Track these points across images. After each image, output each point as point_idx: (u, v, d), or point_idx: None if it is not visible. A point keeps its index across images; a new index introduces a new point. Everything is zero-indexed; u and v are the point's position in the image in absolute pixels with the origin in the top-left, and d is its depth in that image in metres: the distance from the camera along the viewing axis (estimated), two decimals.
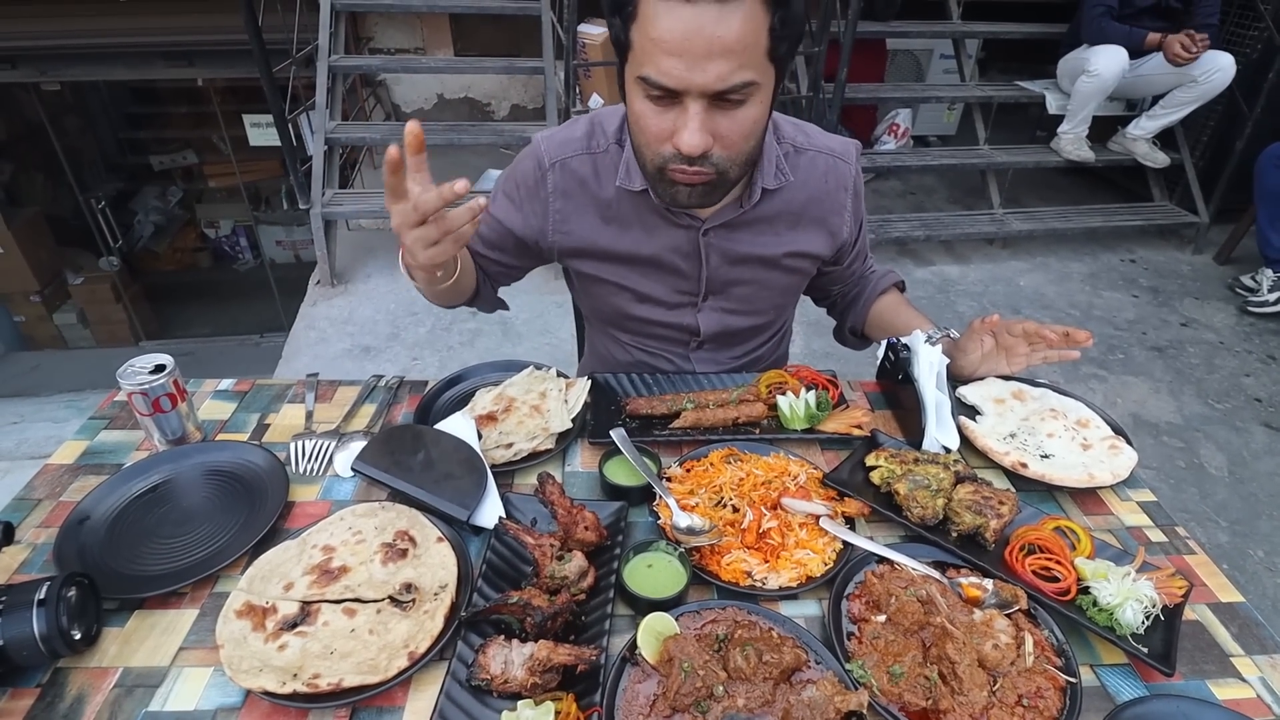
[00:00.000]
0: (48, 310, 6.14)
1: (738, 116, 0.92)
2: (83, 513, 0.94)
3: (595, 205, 1.16)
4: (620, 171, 1.12)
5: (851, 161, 1.21)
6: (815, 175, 1.18)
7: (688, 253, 1.18)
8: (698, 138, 0.90)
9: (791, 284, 1.28)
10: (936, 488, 0.96)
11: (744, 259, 1.19)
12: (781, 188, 1.15)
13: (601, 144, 1.15)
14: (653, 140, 0.96)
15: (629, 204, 1.14)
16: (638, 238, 1.17)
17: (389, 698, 0.76)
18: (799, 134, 1.18)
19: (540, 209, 1.18)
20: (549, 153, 1.15)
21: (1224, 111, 4.00)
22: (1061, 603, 0.85)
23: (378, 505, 0.95)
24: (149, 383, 0.99)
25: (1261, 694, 0.81)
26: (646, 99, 0.92)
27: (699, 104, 0.89)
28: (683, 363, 1.33)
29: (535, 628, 0.78)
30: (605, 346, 1.40)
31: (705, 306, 1.25)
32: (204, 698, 0.76)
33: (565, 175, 1.15)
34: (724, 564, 0.89)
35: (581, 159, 1.15)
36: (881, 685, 0.75)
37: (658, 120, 0.93)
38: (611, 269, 1.21)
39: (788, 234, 1.19)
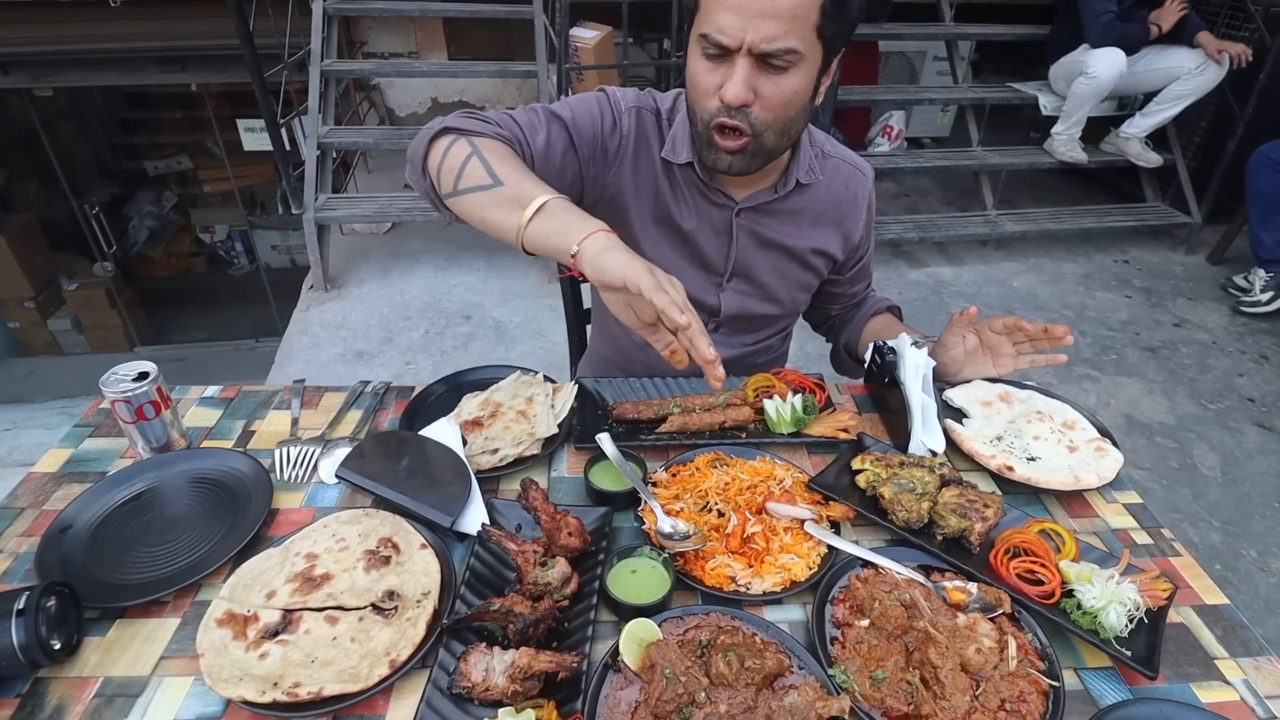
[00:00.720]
0: (42, 316, 6.13)
1: (780, 82, 0.99)
2: (65, 521, 0.93)
3: (653, 165, 1.20)
4: (669, 144, 1.17)
5: (869, 177, 1.31)
6: (839, 180, 1.27)
7: (720, 231, 1.22)
8: (741, 89, 0.97)
9: (807, 280, 1.34)
10: (921, 491, 0.96)
11: (770, 244, 1.25)
12: (811, 185, 1.23)
13: (659, 117, 1.20)
14: (703, 95, 1.03)
15: (672, 176, 1.20)
16: (676, 208, 1.21)
17: (370, 706, 0.76)
18: (827, 143, 1.28)
19: (614, 142, 1.17)
20: (623, 99, 1.18)
21: (1216, 112, 4.02)
22: (1045, 606, 0.85)
23: (361, 512, 0.95)
24: (132, 390, 0.98)
25: (1245, 696, 0.81)
26: (703, 56, 1.00)
27: (746, 61, 0.96)
28: None
29: (517, 634, 0.78)
30: (619, 327, 1.38)
31: (729, 287, 1.29)
32: (184, 707, 0.76)
33: (639, 123, 1.19)
34: (708, 569, 0.89)
35: (651, 116, 1.19)
36: (864, 690, 0.75)
37: (709, 76, 1.01)
38: (649, 231, 1.23)
39: (809, 230, 1.26)
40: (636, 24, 3.27)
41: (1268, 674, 0.83)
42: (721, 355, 1.31)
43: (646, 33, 4.90)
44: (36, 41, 4.39)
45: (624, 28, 3.43)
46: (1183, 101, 3.76)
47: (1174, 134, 4.13)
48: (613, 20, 3.69)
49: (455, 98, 4.97)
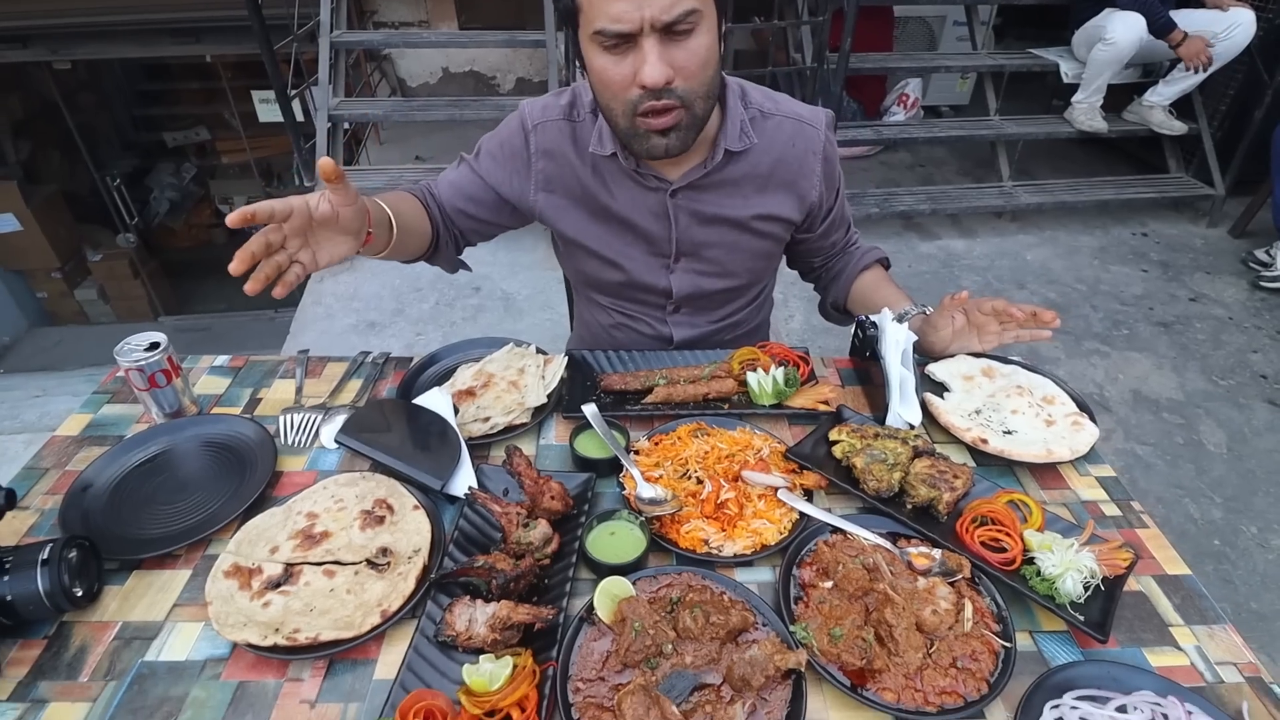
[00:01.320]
0: (69, 286, 6.28)
1: (690, 46, 0.97)
2: (85, 481, 1.00)
3: (573, 169, 1.21)
4: (593, 138, 1.17)
5: (821, 127, 1.23)
6: (781, 139, 1.21)
7: (658, 214, 1.22)
8: (659, 69, 0.96)
9: (763, 248, 1.31)
10: (893, 462, 0.99)
11: (712, 220, 1.23)
12: (747, 150, 1.18)
13: (580, 114, 1.20)
14: (618, 90, 1.01)
15: (602, 169, 1.20)
16: (610, 200, 1.22)
17: (363, 651, 0.82)
18: (767, 101, 1.22)
19: (524, 168, 1.23)
20: (532, 116, 1.21)
21: (1243, 79, 3.89)
22: (1005, 572, 0.89)
23: (359, 475, 1.01)
24: (144, 359, 1.04)
25: (1195, 661, 0.84)
26: (604, 52, 0.98)
27: (653, 38, 0.95)
28: (661, 326, 1.37)
29: (499, 589, 0.83)
30: (590, 312, 1.45)
31: (677, 268, 1.29)
32: (195, 649, 0.83)
33: (547, 137, 1.21)
34: (683, 532, 0.93)
35: (561, 124, 1.20)
36: (822, 646, 0.80)
37: (618, 69, 0.99)
38: (588, 231, 1.26)
39: (755, 197, 1.23)
40: None
41: (1220, 641, 0.86)
42: (683, 334, 1.36)
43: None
44: (54, 14, 4.44)
45: None
46: (1209, 69, 3.64)
47: (1199, 102, 4.00)
48: None
49: (466, 67, 4.96)
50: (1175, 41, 3.48)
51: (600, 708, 0.75)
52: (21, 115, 6.07)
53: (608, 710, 0.74)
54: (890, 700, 0.76)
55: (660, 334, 1.37)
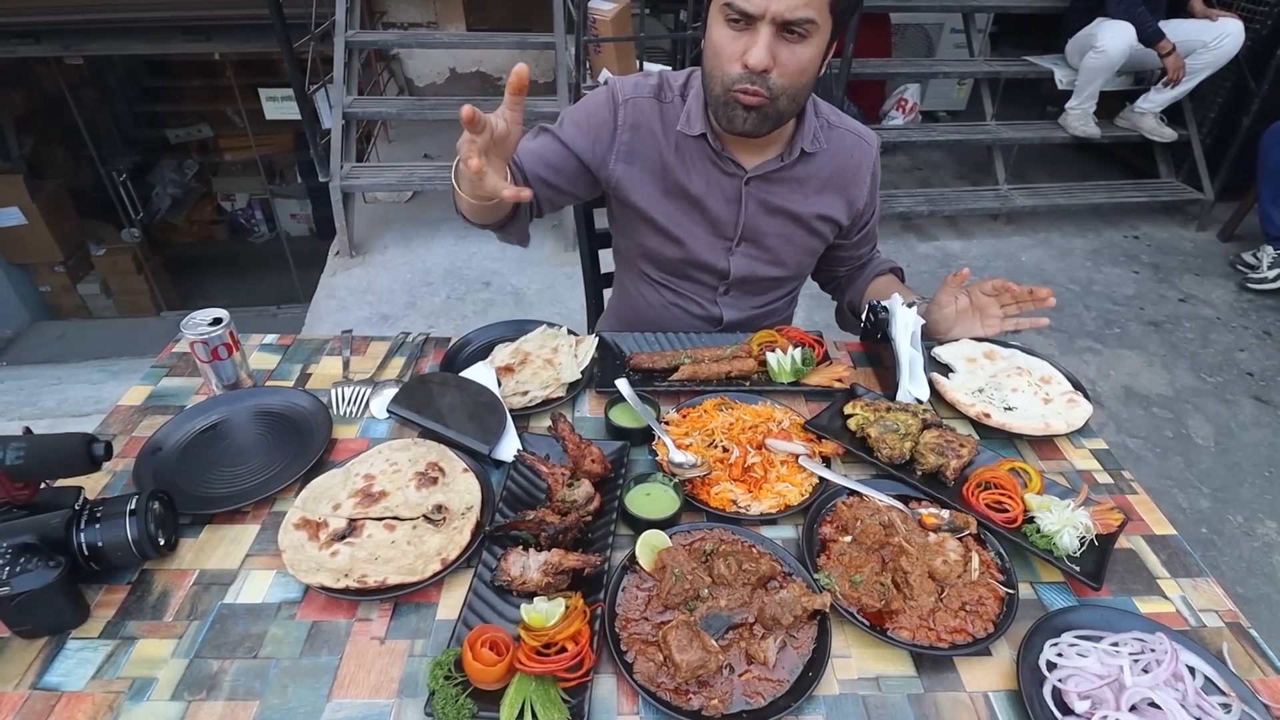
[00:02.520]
0: (72, 280, 6.31)
1: (797, 51, 1.09)
2: (155, 444, 1.08)
3: (656, 145, 1.30)
4: (682, 119, 1.27)
5: (874, 145, 1.39)
6: (844, 149, 1.35)
7: (730, 198, 1.32)
8: (764, 54, 1.07)
9: (812, 245, 1.43)
10: (905, 432, 1.08)
11: (777, 210, 1.34)
12: (816, 153, 1.31)
13: (669, 96, 1.30)
14: (725, 61, 1.11)
15: (686, 148, 1.29)
16: (687, 180, 1.31)
17: (425, 595, 0.90)
18: (833, 114, 1.36)
19: (608, 138, 1.31)
20: (623, 91, 1.30)
21: (1232, 88, 4.01)
22: (1008, 529, 0.97)
23: (411, 441, 1.09)
24: (209, 333, 1.12)
25: (1180, 609, 0.93)
26: (725, 24, 1.09)
27: (769, 29, 1.06)
28: (710, 307, 1.46)
29: (549, 540, 0.91)
30: (639, 290, 1.52)
31: (738, 251, 1.39)
32: (269, 593, 0.90)
33: (636, 111, 1.29)
34: (713, 493, 1.01)
35: (650, 102, 1.30)
36: (843, 590, 0.88)
37: (732, 44, 1.10)
38: (660, 205, 1.34)
39: (815, 196, 1.35)
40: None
41: (1204, 592, 0.95)
42: (731, 317, 1.45)
43: (663, 4, 4.92)
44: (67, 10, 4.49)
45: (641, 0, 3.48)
46: (1199, 75, 3.76)
47: (1189, 109, 4.12)
48: None
49: (473, 68, 5.04)
50: (1164, 51, 3.60)
51: (645, 642, 0.83)
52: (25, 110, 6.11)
53: (652, 644, 0.82)
54: (906, 638, 0.84)
55: (710, 314, 1.46)
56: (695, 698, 0.77)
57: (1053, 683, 0.79)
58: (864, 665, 0.83)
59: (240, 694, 0.79)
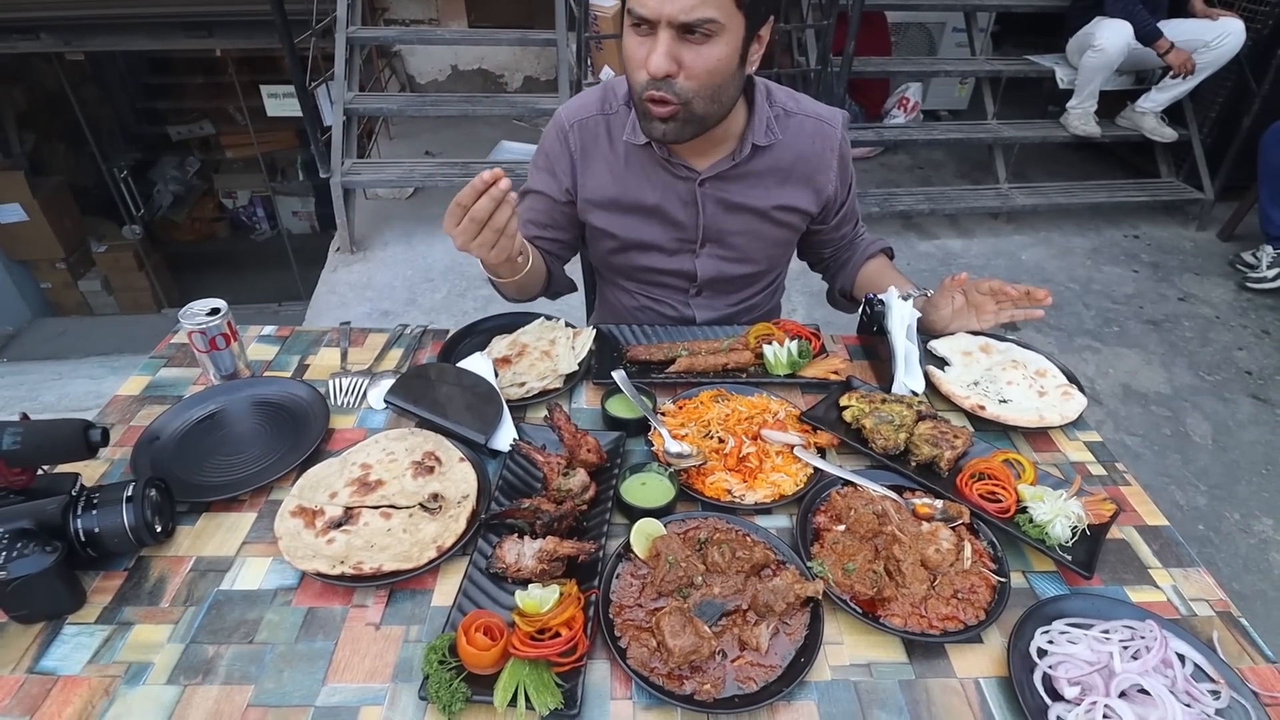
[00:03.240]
0: (73, 277, 6.31)
1: (702, 52, 1.05)
2: (153, 433, 1.08)
3: (607, 160, 1.30)
4: (628, 128, 1.26)
5: (838, 127, 1.33)
6: (803, 137, 1.30)
7: (687, 201, 1.31)
8: (661, 61, 1.04)
9: (781, 236, 1.40)
10: (899, 423, 1.08)
11: (737, 208, 1.32)
12: (771, 145, 1.28)
13: (613, 106, 1.29)
14: (635, 68, 1.10)
15: (636, 158, 1.29)
16: (643, 188, 1.30)
17: (420, 582, 0.90)
18: (790, 100, 1.31)
19: (567, 166, 1.32)
20: (568, 117, 1.31)
21: (1233, 87, 4.01)
22: (1001, 519, 0.98)
23: (407, 431, 1.09)
24: (207, 323, 1.12)
25: (1171, 598, 0.93)
26: (631, 29, 1.08)
27: (667, 33, 1.03)
28: (683, 309, 1.46)
29: (544, 528, 0.92)
30: (615, 296, 1.54)
31: (703, 253, 1.38)
32: (265, 580, 0.91)
33: (583, 133, 1.30)
34: (708, 483, 1.02)
35: (596, 119, 1.29)
36: (836, 578, 0.89)
37: (638, 49, 1.08)
38: (620, 219, 1.34)
39: (776, 189, 1.32)
40: None
41: (1194, 581, 0.96)
42: (705, 317, 1.45)
43: None
44: (67, 6, 4.50)
45: None
46: (1198, 75, 3.75)
47: (1190, 109, 4.12)
48: None
49: (474, 65, 5.04)
50: (1163, 50, 3.60)
51: (639, 628, 0.83)
52: (27, 106, 6.11)
53: (645, 630, 0.83)
54: (898, 625, 0.85)
55: (683, 316, 1.46)
56: (688, 683, 0.78)
57: (1043, 669, 0.80)
58: (856, 652, 0.84)
59: (236, 678, 0.80)
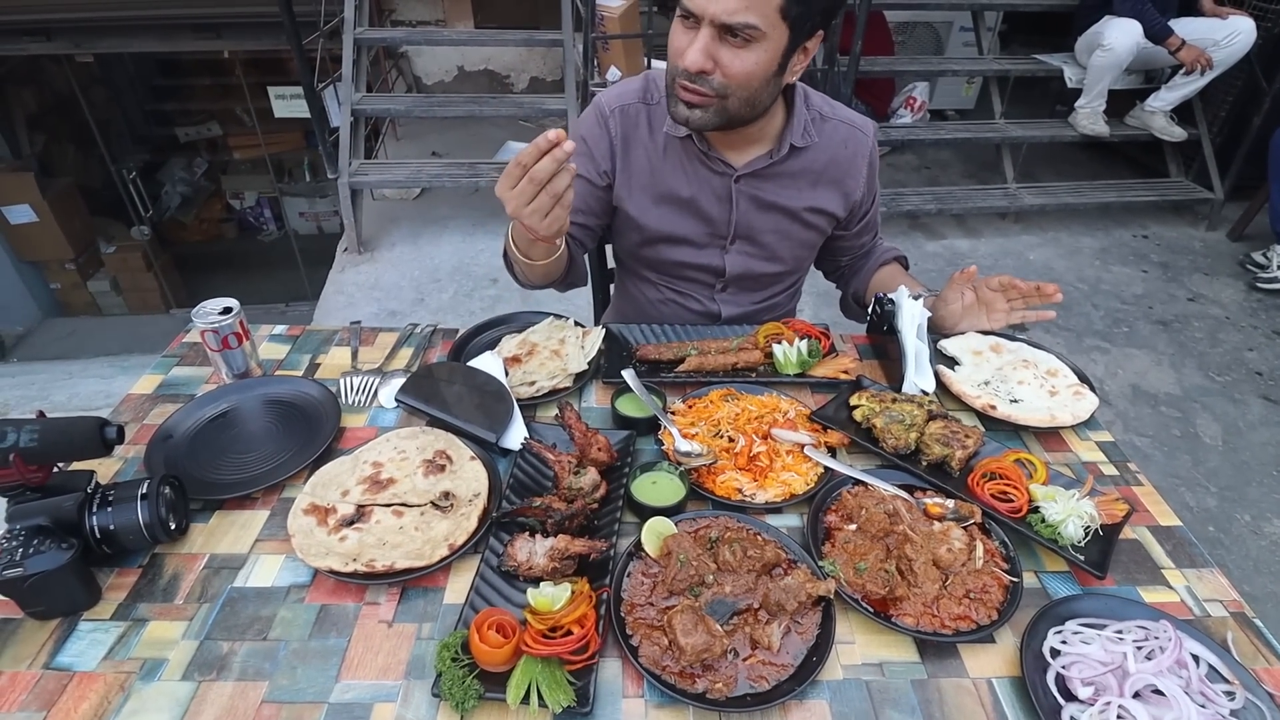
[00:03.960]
0: (82, 278, 6.36)
1: (740, 54, 1.07)
2: (166, 431, 1.09)
3: (646, 148, 1.31)
4: (668, 120, 1.26)
5: (870, 134, 1.36)
6: (837, 141, 1.33)
7: (721, 197, 1.32)
8: (697, 56, 1.07)
9: (809, 238, 1.42)
10: (910, 423, 1.08)
11: (770, 206, 1.34)
12: (807, 147, 1.30)
13: (654, 97, 1.30)
14: (674, 56, 1.13)
15: (674, 150, 1.30)
16: (679, 180, 1.31)
17: (432, 580, 0.91)
18: (825, 105, 1.34)
19: (607, 150, 1.32)
20: (608, 103, 1.32)
21: (1243, 87, 3.98)
22: (1013, 519, 0.98)
23: (419, 429, 1.09)
24: (219, 322, 1.13)
25: (1185, 599, 0.93)
26: (679, 19, 1.10)
27: (708, 30, 1.06)
28: (709, 304, 1.46)
29: (555, 526, 0.92)
30: (638, 289, 1.53)
31: (732, 249, 1.39)
32: (278, 577, 0.91)
33: (624, 119, 1.31)
34: (719, 482, 1.02)
35: (637, 107, 1.30)
36: (848, 577, 0.88)
37: (680, 39, 1.11)
38: (654, 209, 1.34)
39: (808, 191, 1.34)
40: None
41: (1208, 582, 0.95)
42: (730, 313, 1.46)
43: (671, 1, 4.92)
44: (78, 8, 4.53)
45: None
46: (1208, 74, 3.73)
47: (1199, 108, 4.10)
48: None
49: (481, 66, 5.05)
50: (1174, 47, 3.58)
51: (650, 626, 0.83)
52: (37, 108, 6.16)
53: (657, 628, 0.83)
54: (910, 624, 0.85)
55: (708, 310, 1.47)
56: (700, 681, 0.78)
57: (1056, 669, 0.79)
58: (868, 651, 0.84)
59: (250, 675, 0.80)
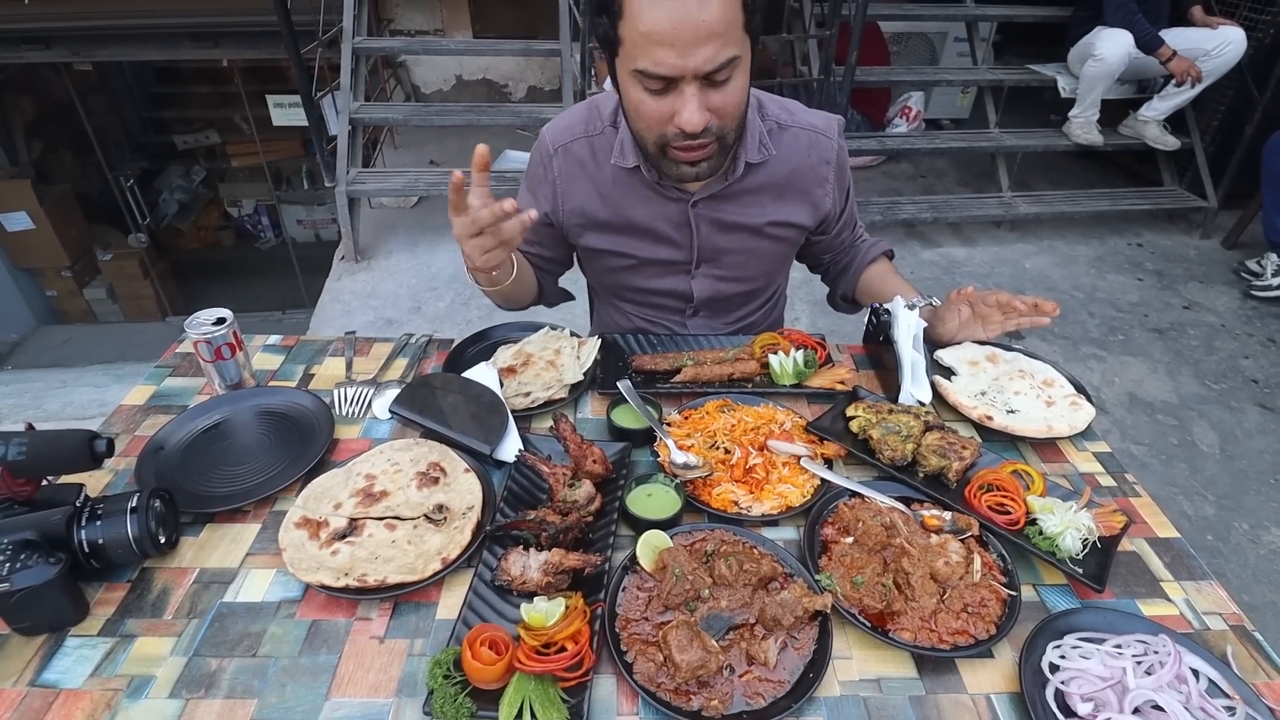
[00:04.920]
0: (78, 285, 6.33)
1: (727, 90, 1.02)
2: (158, 443, 1.08)
3: (594, 182, 1.28)
4: (615, 151, 1.23)
5: (833, 136, 1.29)
6: (798, 150, 1.27)
7: (679, 223, 1.29)
8: (698, 116, 1.01)
9: (779, 252, 1.38)
10: (907, 434, 1.07)
11: (732, 227, 1.30)
12: (765, 161, 1.24)
13: (597, 127, 1.26)
14: (654, 124, 1.05)
15: (624, 180, 1.26)
16: (634, 208, 1.28)
17: (425, 594, 0.90)
18: (783, 112, 1.27)
19: (549, 191, 1.30)
20: (552, 140, 1.28)
21: (1235, 96, 4.01)
22: (1011, 531, 0.97)
23: (412, 441, 1.09)
24: (213, 333, 1.12)
25: (1184, 612, 0.92)
26: (644, 90, 1.02)
27: (693, 86, 0.99)
28: (679, 329, 1.45)
29: (549, 540, 0.91)
30: (610, 317, 1.53)
31: (698, 274, 1.36)
32: (269, 592, 0.90)
33: (567, 158, 1.27)
34: (714, 494, 1.01)
35: (580, 142, 1.27)
36: (845, 591, 0.88)
37: (656, 106, 1.03)
38: (610, 239, 1.33)
39: (772, 205, 1.29)
40: None
41: (1207, 594, 0.94)
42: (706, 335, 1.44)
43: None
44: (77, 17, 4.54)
45: None
46: (1199, 85, 3.76)
47: (1192, 118, 4.12)
48: None
49: (479, 75, 5.07)
50: (1164, 58, 3.60)
51: (645, 642, 0.82)
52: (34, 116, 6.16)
53: (652, 644, 0.82)
54: (907, 639, 0.84)
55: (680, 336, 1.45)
56: (695, 698, 0.77)
57: (1055, 685, 0.79)
58: (865, 666, 0.83)
59: (239, 692, 0.79)
